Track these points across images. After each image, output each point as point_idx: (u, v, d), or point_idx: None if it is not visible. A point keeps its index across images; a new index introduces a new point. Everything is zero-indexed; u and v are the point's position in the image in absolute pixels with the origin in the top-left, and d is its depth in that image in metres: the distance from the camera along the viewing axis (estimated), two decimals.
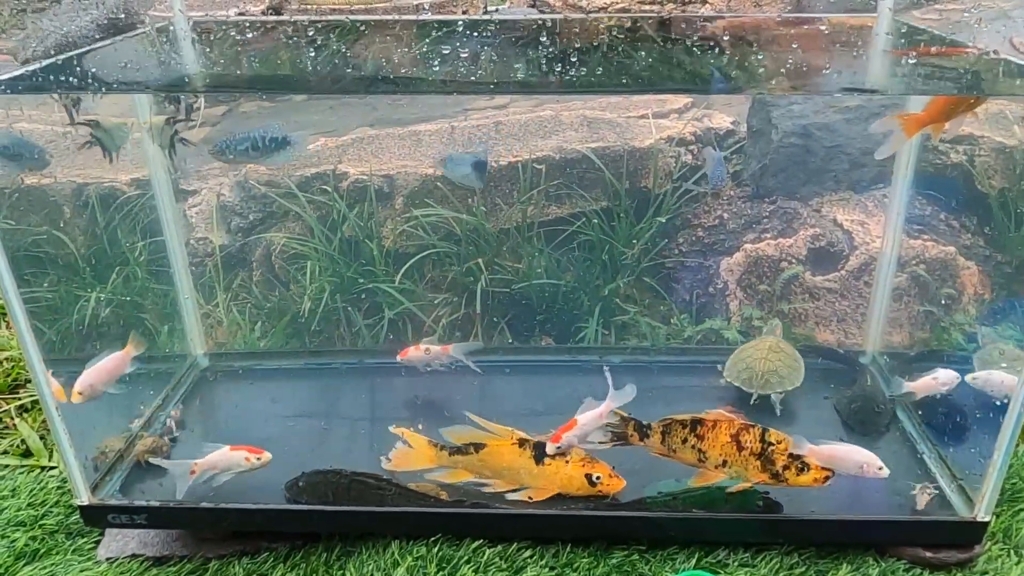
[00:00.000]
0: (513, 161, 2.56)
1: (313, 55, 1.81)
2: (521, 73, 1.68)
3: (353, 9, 2.58)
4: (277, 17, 2.46)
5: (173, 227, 2.14)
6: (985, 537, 1.73)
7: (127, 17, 1.81)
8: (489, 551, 1.75)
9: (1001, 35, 1.50)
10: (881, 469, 1.66)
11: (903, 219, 2.07)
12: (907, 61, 1.67)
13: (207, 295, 2.51)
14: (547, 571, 1.72)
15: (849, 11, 2.05)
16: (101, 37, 1.74)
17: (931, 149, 2.47)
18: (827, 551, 1.75)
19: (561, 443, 1.72)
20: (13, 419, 2.28)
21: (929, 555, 1.72)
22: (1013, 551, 1.76)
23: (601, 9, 2.67)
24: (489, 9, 2.66)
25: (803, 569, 1.71)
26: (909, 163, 2.00)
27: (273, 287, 2.61)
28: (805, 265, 2.47)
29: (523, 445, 1.77)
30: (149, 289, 2.44)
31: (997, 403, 1.67)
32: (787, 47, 1.82)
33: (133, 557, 1.79)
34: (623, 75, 1.71)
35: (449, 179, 2.32)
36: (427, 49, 1.81)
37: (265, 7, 2.66)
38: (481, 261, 2.52)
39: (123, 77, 1.62)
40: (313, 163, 2.64)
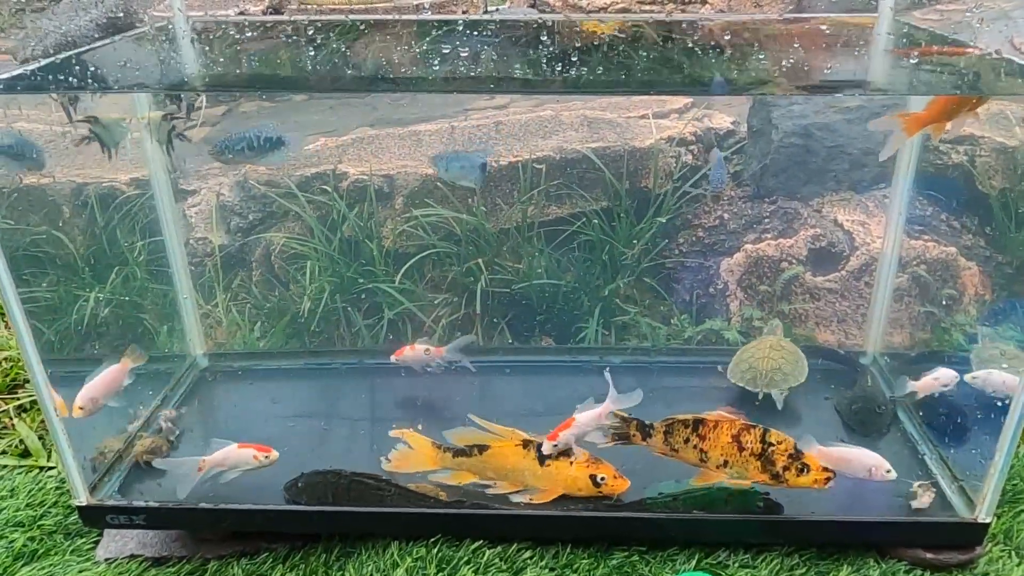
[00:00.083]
0: (513, 161, 2.55)
1: (312, 54, 1.81)
2: (520, 72, 1.67)
3: (353, 8, 2.58)
4: (277, 17, 2.46)
5: (173, 227, 2.13)
6: (986, 539, 1.73)
7: (126, 17, 1.81)
8: (489, 552, 1.74)
9: (1003, 35, 1.50)
10: (889, 472, 1.68)
11: (904, 219, 2.06)
12: (908, 61, 1.66)
13: (206, 295, 2.50)
14: (547, 572, 1.71)
15: (849, 11, 2.05)
16: (100, 37, 1.73)
17: (932, 149, 2.47)
18: (828, 552, 1.75)
19: (558, 441, 1.72)
20: (12, 419, 2.27)
21: (930, 556, 1.71)
22: (1014, 552, 1.75)
23: (601, 9, 2.67)
24: (489, 9, 2.65)
25: (804, 570, 1.71)
26: (910, 163, 2.00)
27: (273, 287, 2.61)
28: (806, 265, 2.47)
29: (527, 446, 1.76)
30: (148, 289, 2.44)
31: (998, 404, 1.67)
32: (788, 46, 1.82)
33: (132, 558, 1.78)
34: (623, 75, 1.70)
35: (460, 184, 2.31)
36: (427, 48, 1.81)
37: (265, 7, 2.66)
38: (481, 261, 2.52)
39: (122, 76, 1.61)
40: (313, 163, 2.63)
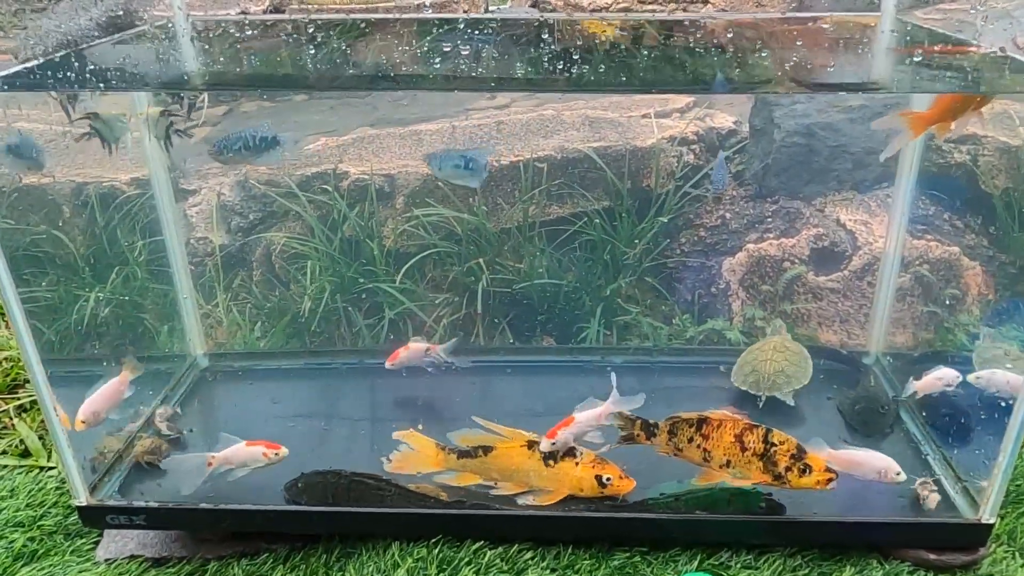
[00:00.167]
0: (515, 160, 2.55)
1: (313, 52, 1.80)
2: (522, 71, 1.66)
3: (354, 8, 2.58)
4: (278, 16, 2.46)
5: (173, 227, 2.13)
6: (990, 539, 1.72)
7: (126, 16, 1.80)
8: (490, 552, 1.74)
9: (1008, 33, 1.49)
10: (899, 474, 1.69)
11: (907, 219, 2.06)
12: (911, 61, 1.65)
13: (207, 295, 2.50)
14: (548, 573, 1.71)
15: (851, 10, 2.04)
16: (100, 36, 1.73)
17: (935, 149, 2.46)
18: (830, 553, 1.74)
19: (556, 440, 1.71)
20: (12, 419, 2.27)
21: (933, 557, 1.70)
22: (1018, 553, 1.75)
23: (603, 8, 2.66)
24: (490, 8, 2.65)
25: (806, 571, 1.70)
26: (913, 163, 1.99)
27: (273, 287, 2.60)
28: (808, 265, 2.46)
29: (532, 447, 1.75)
30: (149, 289, 2.44)
31: (1002, 404, 1.66)
32: (791, 45, 1.81)
33: (132, 558, 1.78)
34: (625, 74, 1.70)
35: (457, 182, 2.30)
36: (428, 48, 1.80)
37: (266, 7, 2.65)
38: (482, 261, 2.51)
39: (121, 74, 1.61)
40: (314, 162, 2.63)
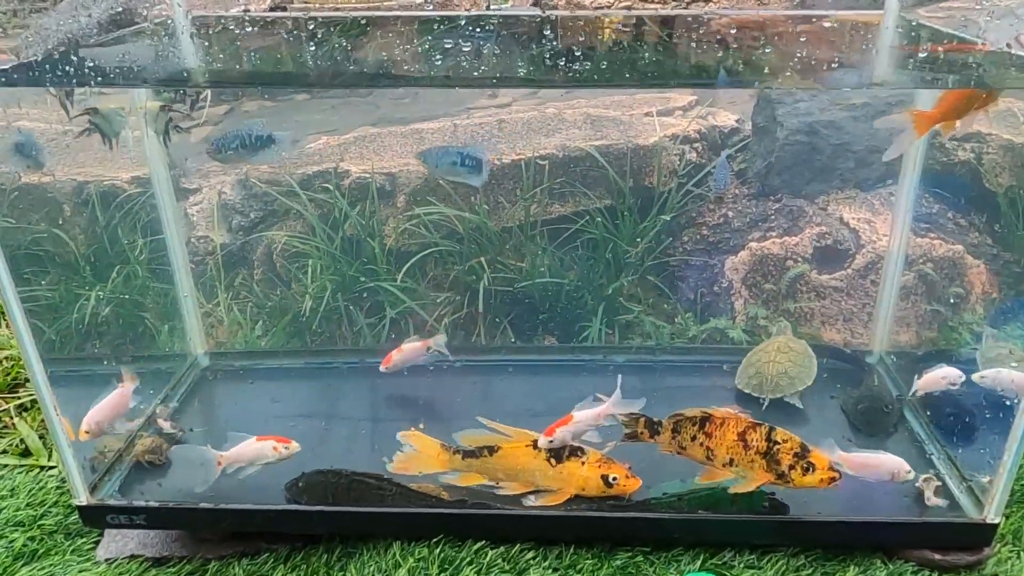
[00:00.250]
0: (516, 159, 2.54)
1: (313, 49, 1.80)
2: (524, 69, 1.66)
3: (356, 6, 2.57)
4: (280, 13, 2.45)
5: (174, 225, 2.12)
6: (995, 539, 1.71)
7: (126, 14, 1.80)
8: (491, 552, 1.73)
9: (1014, 29, 1.48)
10: (909, 473, 1.69)
11: (910, 217, 2.05)
12: (915, 60, 1.64)
13: (208, 294, 2.49)
14: (550, 572, 1.70)
15: (853, 8, 2.03)
16: (100, 34, 1.72)
17: (938, 147, 2.45)
18: (834, 553, 1.73)
19: (554, 438, 1.70)
20: (12, 418, 2.26)
21: (938, 557, 1.70)
22: (1023, 553, 1.74)
23: (605, 7, 2.65)
24: (492, 7, 2.64)
25: (810, 571, 1.69)
26: (916, 161, 1.98)
27: (274, 286, 2.60)
28: (811, 264, 2.45)
29: (538, 447, 1.74)
30: (149, 288, 2.43)
31: (1006, 403, 1.65)
32: (794, 42, 1.80)
33: (132, 558, 1.77)
34: (627, 70, 1.69)
35: (454, 180, 2.29)
36: (429, 46, 1.79)
37: (268, 6, 2.64)
38: (484, 259, 2.50)
39: (120, 71, 1.60)
40: (315, 161, 2.62)
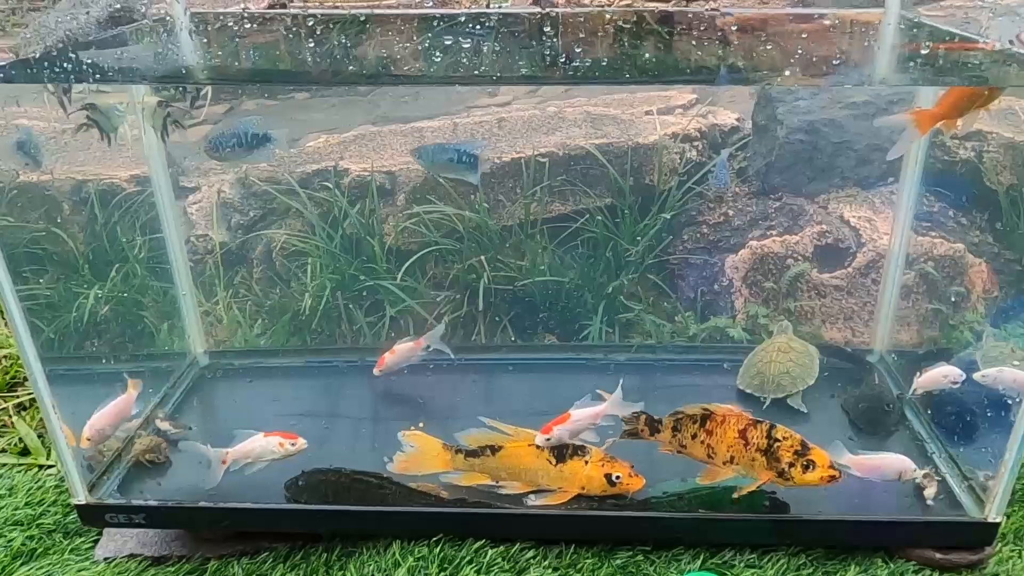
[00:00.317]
0: (516, 157, 2.54)
1: (312, 46, 1.79)
2: (524, 67, 1.65)
3: (355, 3, 2.56)
4: (279, 10, 2.44)
5: (173, 224, 2.12)
6: (996, 538, 1.71)
7: (125, 12, 1.79)
8: (492, 551, 1.72)
9: (1015, 23, 1.48)
10: (916, 472, 1.71)
11: (911, 216, 2.04)
12: (916, 59, 1.64)
13: (207, 293, 2.49)
14: (550, 572, 1.69)
15: (855, 6, 2.03)
16: (98, 32, 1.72)
17: (939, 145, 2.45)
18: (835, 552, 1.73)
19: (551, 436, 1.70)
20: (11, 417, 2.26)
21: (939, 556, 1.69)
22: None
23: (606, 4, 2.64)
24: (492, 4, 2.63)
25: (810, 570, 1.69)
26: (917, 159, 1.97)
27: (274, 284, 2.60)
28: (812, 262, 2.44)
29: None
30: (149, 286, 2.43)
31: (1008, 402, 1.65)
32: (795, 40, 1.80)
33: (131, 557, 1.77)
34: (628, 68, 1.69)
35: (450, 176, 2.29)
36: (429, 43, 1.79)
37: (267, 3, 2.64)
38: (484, 258, 2.50)
39: (119, 68, 1.60)
40: (314, 160, 2.62)
